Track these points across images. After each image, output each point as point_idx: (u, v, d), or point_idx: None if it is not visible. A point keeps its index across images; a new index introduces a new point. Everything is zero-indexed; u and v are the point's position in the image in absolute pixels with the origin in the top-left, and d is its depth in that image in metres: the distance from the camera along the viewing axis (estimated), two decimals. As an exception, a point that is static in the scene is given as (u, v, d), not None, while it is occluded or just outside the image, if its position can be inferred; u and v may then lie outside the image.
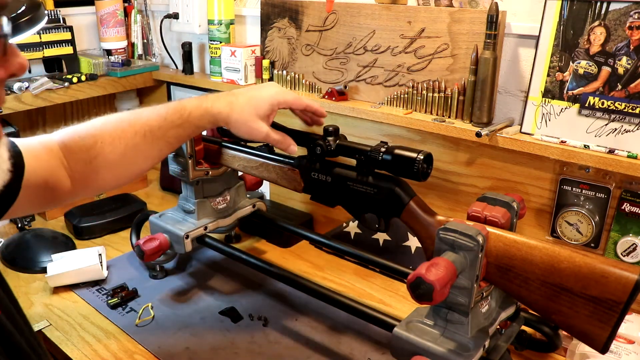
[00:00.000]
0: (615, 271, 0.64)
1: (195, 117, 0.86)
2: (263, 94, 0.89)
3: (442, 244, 0.72)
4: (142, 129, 0.84)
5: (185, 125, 0.86)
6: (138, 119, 0.85)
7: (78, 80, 1.50)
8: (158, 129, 0.84)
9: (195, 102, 0.87)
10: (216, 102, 0.87)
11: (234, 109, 0.87)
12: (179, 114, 0.85)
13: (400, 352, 0.77)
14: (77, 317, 1.03)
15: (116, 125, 0.85)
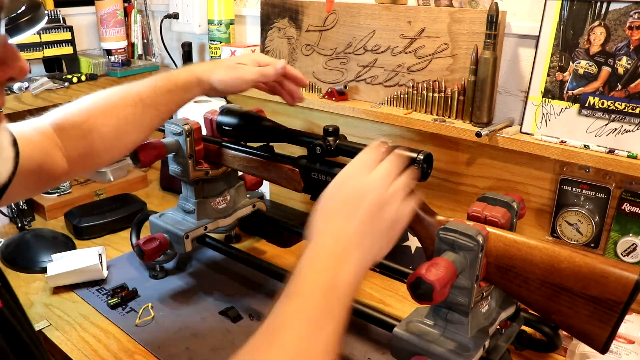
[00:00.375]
0: (615, 271, 0.64)
1: (183, 81, 0.89)
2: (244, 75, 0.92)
3: (442, 244, 0.72)
4: (132, 100, 0.86)
5: (174, 90, 0.88)
6: (129, 91, 0.87)
7: (78, 80, 1.50)
8: (147, 97, 0.87)
9: (182, 68, 0.93)
10: (202, 64, 0.93)
11: (216, 65, 0.91)
12: (168, 79, 0.89)
13: (400, 352, 0.77)
14: (77, 317, 1.03)
15: (107, 99, 0.86)
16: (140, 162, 1.01)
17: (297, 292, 0.57)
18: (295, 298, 0.56)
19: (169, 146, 1.06)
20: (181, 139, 1.06)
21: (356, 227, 0.61)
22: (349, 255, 0.60)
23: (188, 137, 1.06)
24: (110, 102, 0.86)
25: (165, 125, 1.09)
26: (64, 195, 1.49)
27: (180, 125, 1.05)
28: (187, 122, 1.06)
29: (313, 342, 0.54)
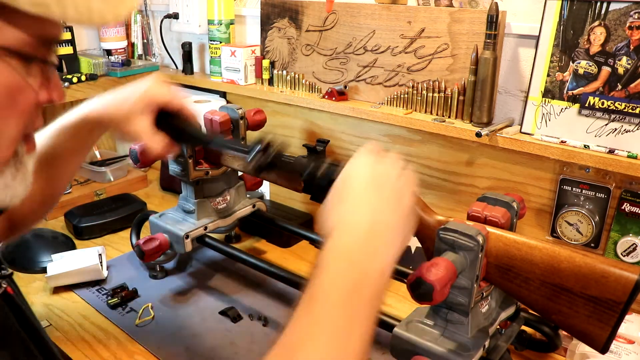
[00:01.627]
0: (615, 271, 0.64)
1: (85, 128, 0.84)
2: (136, 89, 0.82)
3: (442, 244, 0.72)
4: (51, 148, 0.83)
5: (77, 136, 0.84)
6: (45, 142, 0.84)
7: (78, 80, 1.49)
8: (51, 149, 0.83)
9: (77, 110, 0.86)
10: (94, 105, 0.84)
11: (107, 109, 0.82)
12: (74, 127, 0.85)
13: (400, 352, 0.77)
14: (77, 317, 1.03)
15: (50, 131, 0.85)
16: (140, 162, 1.01)
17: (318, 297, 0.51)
18: (316, 305, 0.51)
19: (169, 146, 1.05)
20: (181, 139, 1.06)
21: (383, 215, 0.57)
22: (377, 248, 0.55)
23: (188, 137, 1.06)
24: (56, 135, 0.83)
25: (165, 125, 1.09)
26: (64, 195, 1.48)
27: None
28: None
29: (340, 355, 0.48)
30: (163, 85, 0.83)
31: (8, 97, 0.47)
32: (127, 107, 0.80)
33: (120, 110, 0.81)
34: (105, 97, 0.84)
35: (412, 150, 1.18)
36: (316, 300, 0.51)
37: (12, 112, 0.48)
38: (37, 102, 0.51)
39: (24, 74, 0.48)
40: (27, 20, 0.44)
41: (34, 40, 0.47)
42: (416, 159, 1.18)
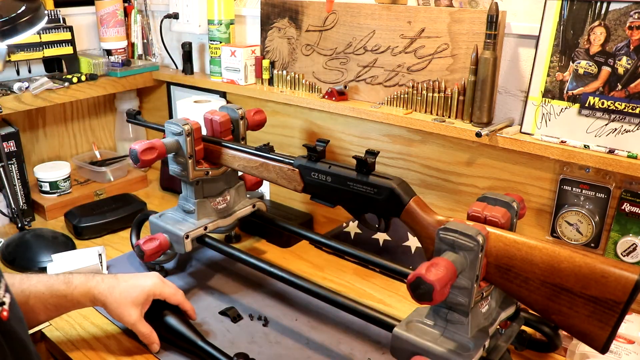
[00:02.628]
0: (615, 271, 0.64)
1: (80, 293, 0.90)
2: (142, 283, 0.94)
3: (442, 244, 0.72)
4: (26, 291, 0.86)
5: (68, 297, 0.89)
6: (22, 282, 0.87)
7: (78, 80, 1.50)
8: (41, 294, 0.87)
9: (83, 278, 0.92)
10: (100, 284, 0.92)
11: (112, 293, 0.91)
12: (66, 285, 0.90)
13: (400, 352, 0.77)
14: (77, 317, 1.03)
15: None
16: (140, 162, 1.01)
17: None
18: None
19: (169, 146, 1.06)
20: (181, 139, 1.06)
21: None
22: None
23: (188, 137, 1.06)
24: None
25: (165, 125, 1.09)
26: (64, 195, 1.49)
27: (180, 125, 1.05)
28: (187, 122, 1.06)
29: None
30: (166, 283, 0.97)
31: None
32: (131, 298, 0.92)
33: (123, 298, 0.91)
34: (113, 280, 0.93)
35: (412, 150, 1.18)
36: None
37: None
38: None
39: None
40: None
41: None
42: (416, 159, 1.18)
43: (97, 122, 1.77)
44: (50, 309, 0.89)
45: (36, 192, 1.48)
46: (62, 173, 1.48)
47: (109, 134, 1.82)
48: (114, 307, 0.91)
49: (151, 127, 1.18)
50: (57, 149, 1.68)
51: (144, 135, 1.80)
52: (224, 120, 1.11)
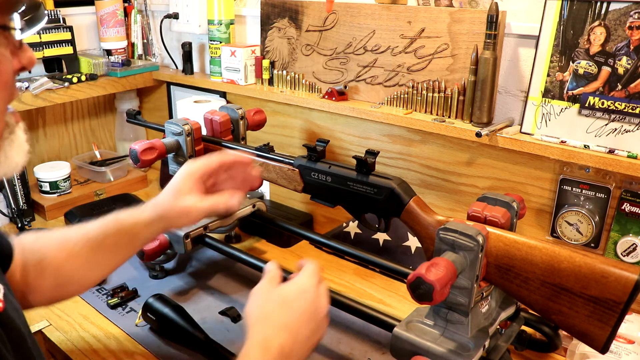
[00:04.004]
0: (615, 271, 0.64)
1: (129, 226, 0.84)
2: (177, 174, 0.88)
3: (442, 244, 0.72)
4: (82, 239, 0.82)
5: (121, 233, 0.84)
6: (81, 229, 0.84)
7: (78, 80, 1.50)
8: (95, 238, 0.82)
9: (129, 212, 0.86)
10: (145, 209, 0.86)
11: (157, 205, 0.85)
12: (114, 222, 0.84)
13: (400, 352, 0.77)
14: (77, 317, 1.03)
15: (62, 234, 0.83)
16: (140, 162, 1.01)
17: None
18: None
19: (169, 146, 1.06)
20: (181, 139, 1.06)
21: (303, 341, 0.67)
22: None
23: (188, 137, 1.06)
24: (63, 238, 0.82)
25: (165, 125, 1.09)
26: (64, 195, 1.49)
27: (180, 125, 1.05)
28: (187, 122, 1.06)
29: None
30: (197, 159, 0.89)
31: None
32: (175, 192, 0.85)
33: (171, 202, 0.85)
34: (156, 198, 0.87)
35: (412, 150, 1.18)
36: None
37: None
38: (12, 70, 0.51)
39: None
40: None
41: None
42: (416, 159, 1.18)
43: (97, 122, 1.77)
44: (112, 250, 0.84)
45: (36, 192, 1.48)
46: (62, 173, 1.48)
47: (109, 134, 1.82)
48: (170, 215, 0.84)
49: (151, 127, 1.18)
50: (57, 149, 1.68)
51: (144, 135, 1.80)
52: (224, 120, 1.11)
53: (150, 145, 1.02)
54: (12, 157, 0.53)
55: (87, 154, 1.71)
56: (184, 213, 0.85)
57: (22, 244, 0.80)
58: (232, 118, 1.13)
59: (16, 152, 0.53)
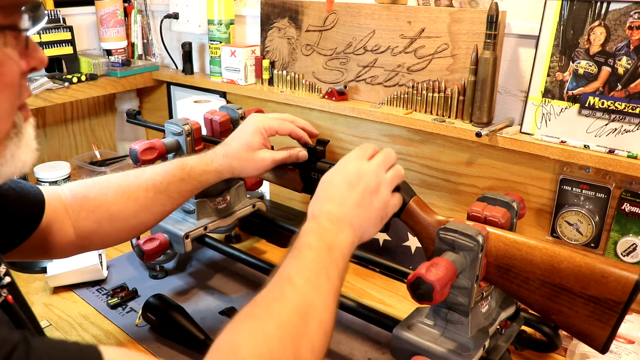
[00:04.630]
0: (615, 271, 0.64)
1: (197, 173, 0.89)
2: (248, 128, 0.92)
3: (442, 244, 0.72)
4: (145, 183, 0.86)
5: (187, 179, 0.88)
6: (143, 173, 0.87)
7: (78, 80, 1.50)
8: (160, 183, 0.86)
9: (196, 159, 0.90)
10: (214, 158, 0.91)
11: (230, 157, 0.90)
12: (181, 168, 0.88)
13: (400, 352, 0.77)
14: (77, 317, 1.03)
15: (121, 179, 0.87)
16: (140, 162, 1.01)
17: (301, 250, 0.63)
18: (299, 255, 0.62)
19: (169, 146, 1.06)
20: (181, 139, 1.06)
21: (351, 205, 0.69)
22: (343, 227, 0.67)
23: (188, 137, 1.06)
24: (125, 181, 0.86)
25: (165, 125, 1.09)
26: (64, 195, 1.48)
27: (180, 125, 1.05)
28: (187, 122, 1.06)
29: (315, 295, 0.59)
30: (271, 116, 0.95)
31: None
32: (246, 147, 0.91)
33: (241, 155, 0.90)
34: (224, 147, 0.92)
35: (412, 150, 1.18)
36: (299, 253, 0.63)
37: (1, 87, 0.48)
38: (20, 72, 0.51)
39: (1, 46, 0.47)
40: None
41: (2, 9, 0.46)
42: (416, 159, 1.18)
43: (97, 122, 1.77)
44: (174, 197, 0.88)
45: (36, 192, 1.48)
46: (62, 173, 1.48)
47: (109, 134, 1.82)
48: (242, 167, 0.90)
49: (151, 127, 1.18)
50: (57, 149, 1.68)
51: (144, 135, 1.80)
52: (224, 120, 1.11)
53: (150, 145, 1.02)
54: (18, 156, 0.53)
55: (87, 154, 1.71)
56: (258, 165, 0.91)
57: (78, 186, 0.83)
58: (232, 118, 1.13)
59: (23, 151, 0.54)
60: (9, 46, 0.48)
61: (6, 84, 0.49)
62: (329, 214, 0.68)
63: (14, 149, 0.53)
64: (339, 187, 0.71)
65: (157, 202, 0.86)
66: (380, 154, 0.76)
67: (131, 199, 0.85)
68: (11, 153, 0.52)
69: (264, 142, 0.92)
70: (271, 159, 0.91)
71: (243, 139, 0.91)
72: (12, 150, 0.52)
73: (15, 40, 0.49)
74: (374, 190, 0.72)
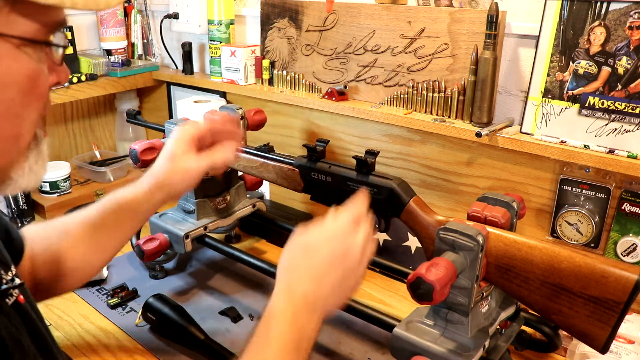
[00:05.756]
0: (615, 271, 0.64)
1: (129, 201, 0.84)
2: (169, 141, 0.87)
3: (442, 244, 0.72)
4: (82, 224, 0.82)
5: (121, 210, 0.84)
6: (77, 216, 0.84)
7: (78, 80, 1.49)
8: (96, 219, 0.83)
9: (127, 188, 0.86)
10: (143, 180, 0.86)
11: (156, 173, 0.85)
12: (113, 201, 0.84)
13: (400, 352, 0.77)
14: (77, 317, 1.03)
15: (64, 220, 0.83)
16: (140, 162, 1.01)
17: (270, 343, 0.62)
18: (269, 348, 0.62)
19: (169, 146, 1.05)
20: (181, 139, 1.06)
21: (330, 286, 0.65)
22: (317, 310, 0.64)
23: (188, 137, 1.06)
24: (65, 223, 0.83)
25: (165, 125, 1.09)
26: (63, 195, 1.49)
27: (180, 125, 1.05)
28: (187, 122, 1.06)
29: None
30: (189, 123, 0.89)
31: (30, 84, 0.49)
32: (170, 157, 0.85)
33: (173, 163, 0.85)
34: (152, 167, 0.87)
35: (412, 150, 1.18)
36: (265, 345, 0.62)
37: (33, 98, 0.50)
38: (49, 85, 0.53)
39: (37, 60, 0.50)
40: (37, 9, 0.46)
41: (43, 27, 0.49)
42: (416, 159, 1.18)
43: (97, 122, 1.77)
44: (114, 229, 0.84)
45: (36, 192, 1.48)
46: (62, 173, 1.48)
47: (109, 134, 1.82)
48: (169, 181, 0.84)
49: (151, 127, 1.18)
50: (57, 149, 1.68)
51: (144, 135, 1.80)
52: (224, 120, 1.11)
53: (150, 145, 1.02)
54: (35, 171, 0.54)
55: (87, 154, 1.71)
56: (184, 174, 0.84)
57: (27, 236, 0.79)
58: (232, 118, 1.13)
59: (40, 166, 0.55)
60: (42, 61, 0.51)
61: (39, 96, 0.51)
62: (305, 296, 0.63)
63: (32, 163, 0.54)
64: (323, 263, 0.65)
65: (100, 238, 0.83)
66: (367, 224, 0.69)
67: (75, 240, 0.81)
68: (29, 166, 0.53)
69: (188, 148, 0.85)
70: (197, 167, 0.84)
71: (165, 150, 0.86)
72: (30, 163, 0.53)
73: (46, 56, 0.52)
74: (356, 268, 0.67)
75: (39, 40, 0.49)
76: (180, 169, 0.84)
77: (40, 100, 0.52)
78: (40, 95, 0.51)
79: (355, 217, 0.69)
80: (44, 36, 0.49)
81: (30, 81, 0.49)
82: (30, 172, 0.54)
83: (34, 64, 0.49)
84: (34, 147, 0.54)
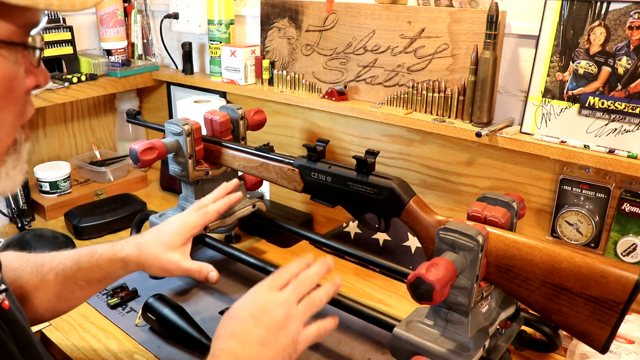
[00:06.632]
0: (615, 271, 0.64)
1: (105, 261, 0.84)
2: (172, 227, 0.89)
3: (442, 244, 0.72)
4: (54, 269, 0.81)
5: (94, 268, 0.83)
6: (53, 259, 0.83)
7: (78, 80, 1.50)
8: (70, 268, 0.82)
9: (108, 246, 0.86)
10: (125, 246, 0.86)
11: (141, 249, 0.85)
12: (90, 255, 0.83)
13: (400, 352, 0.77)
14: (77, 317, 1.03)
15: (39, 258, 0.83)
16: (140, 162, 1.01)
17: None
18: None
19: (169, 146, 1.06)
20: (181, 139, 1.06)
21: (254, 343, 0.65)
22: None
23: (188, 137, 1.06)
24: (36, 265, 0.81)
25: (165, 125, 1.09)
26: (63, 195, 1.49)
27: (180, 125, 1.05)
28: (187, 122, 1.06)
29: None
30: (194, 213, 0.92)
31: (6, 87, 0.49)
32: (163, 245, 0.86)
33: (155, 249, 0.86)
34: (138, 238, 0.87)
35: (412, 150, 1.18)
36: None
37: (9, 100, 0.50)
38: (26, 88, 0.52)
39: (13, 62, 0.49)
40: (11, 10, 0.46)
41: (18, 29, 0.48)
42: (416, 159, 1.18)
43: (97, 122, 1.77)
44: (82, 285, 0.83)
45: (36, 192, 1.48)
46: (62, 173, 1.48)
47: (109, 134, 1.82)
48: (149, 262, 0.85)
49: (151, 127, 1.18)
50: (57, 149, 1.68)
51: (144, 135, 1.80)
52: (224, 120, 1.11)
53: (150, 145, 1.02)
54: (12, 176, 0.53)
55: (87, 154, 1.71)
56: (164, 267, 0.86)
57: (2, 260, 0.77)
58: (232, 118, 1.13)
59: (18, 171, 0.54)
60: (18, 63, 0.50)
61: (15, 99, 0.50)
62: (230, 354, 0.64)
63: (10, 167, 0.53)
64: (243, 323, 0.66)
65: (67, 290, 0.82)
66: (293, 284, 0.71)
67: (43, 283, 0.80)
68: (6, 171, 0.53)
69: (184, 242, 0.89)
70: (178, 267, 0.87)
71: (162, 236, 0.87)
72: (7, 168, 0.53)
73: (24, 59, 0.51)
74: (281, 325, 0.66)
75: (14, 42, 0.48)
76: (166, 261, 0.86)
77: (17, 103, 0.51)
78: (16, 99, 0.50)
79: (278, 281, 0.71)
80: (20, 38, 0.49)
81: (6, 83, 0.48)
82: (7, 177, 0.53)
83: (10, 67, 0.48)
84: (12, 151, 0.53)
